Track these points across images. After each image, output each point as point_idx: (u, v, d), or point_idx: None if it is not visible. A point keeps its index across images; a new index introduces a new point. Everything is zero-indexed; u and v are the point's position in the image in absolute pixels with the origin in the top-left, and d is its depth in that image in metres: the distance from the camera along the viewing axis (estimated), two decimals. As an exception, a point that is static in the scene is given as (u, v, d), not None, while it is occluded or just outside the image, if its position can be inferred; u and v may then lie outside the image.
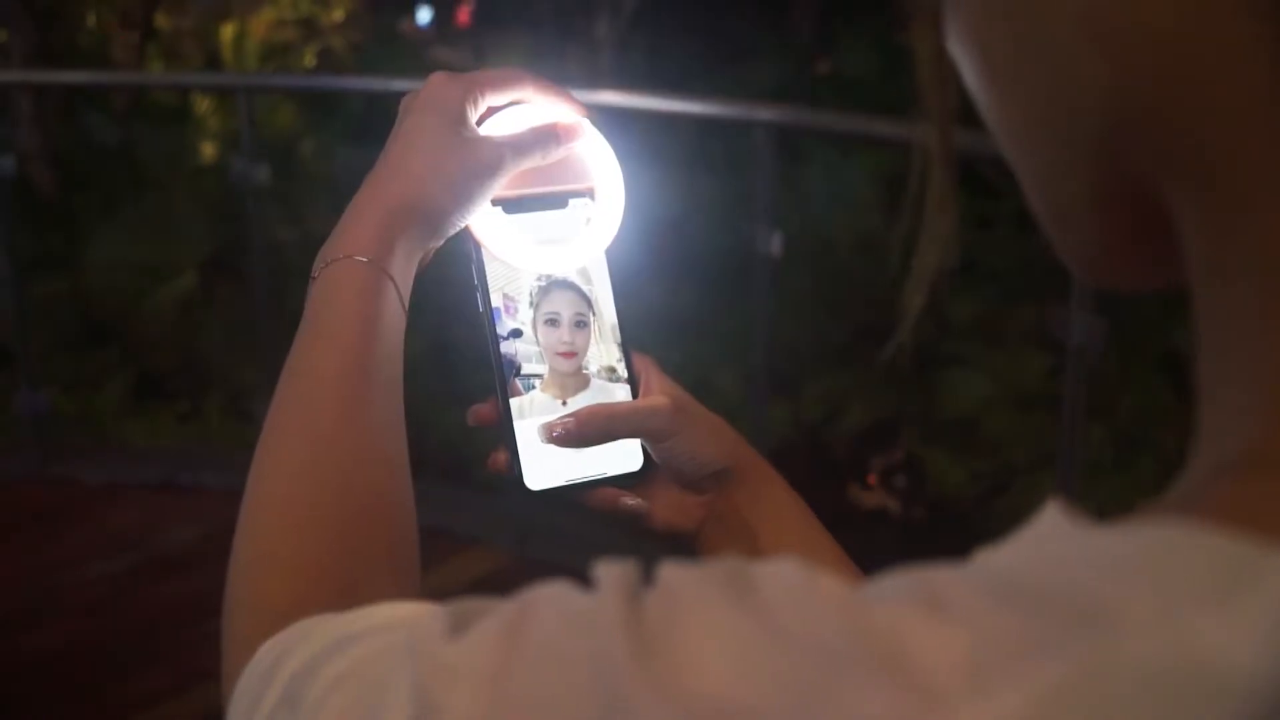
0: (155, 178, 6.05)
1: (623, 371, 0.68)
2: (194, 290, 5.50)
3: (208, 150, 6.71)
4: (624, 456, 0.68)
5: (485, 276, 0.67)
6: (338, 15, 9.63)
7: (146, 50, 7.67)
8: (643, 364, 0.69)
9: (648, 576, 0.30)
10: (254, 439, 0.61)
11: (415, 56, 9.50)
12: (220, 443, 4.60)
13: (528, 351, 0.67)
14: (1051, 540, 0.26)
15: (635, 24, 8.05)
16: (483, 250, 0.67)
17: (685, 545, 0.69)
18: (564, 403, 0.67)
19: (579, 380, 0.67)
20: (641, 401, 0.66)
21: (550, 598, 0.32)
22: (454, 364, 4.62)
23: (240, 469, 0.60)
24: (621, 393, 0.68)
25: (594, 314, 0.68)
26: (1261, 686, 0.22)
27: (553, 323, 0.67)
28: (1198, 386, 0.28)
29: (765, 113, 2.69)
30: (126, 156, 6.37)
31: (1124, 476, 4.27)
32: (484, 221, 0.66)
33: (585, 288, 0.68)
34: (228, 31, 8.51)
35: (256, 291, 3.45)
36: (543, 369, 0.67)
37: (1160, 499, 0.27)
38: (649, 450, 0.67)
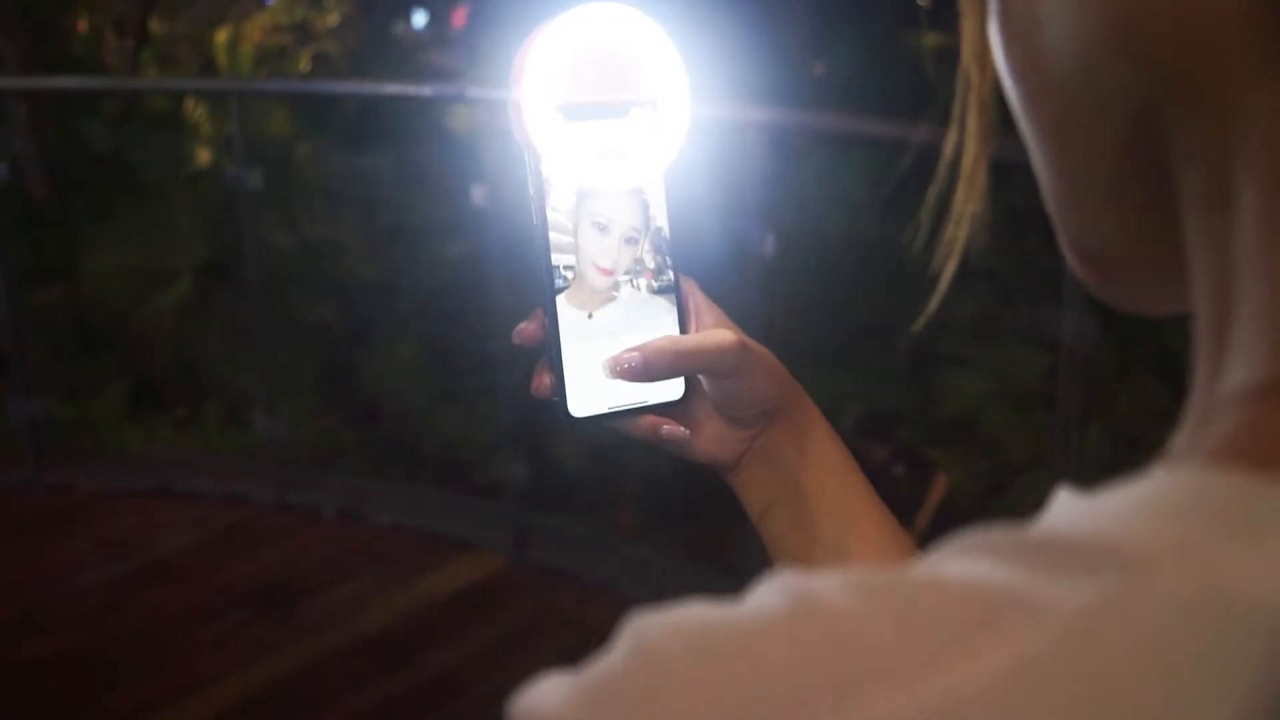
0: (150, 183, 6.04)
1: (669, 286, 0.66)
2: (190, 296, 5.49)
3: (203, 155, 6.71)
4: (666, 385, 0.66)
5: (542, 187, 0.63)
6: (331, 20, 9.63)
7: (141, 56, 7.66)
8: (689, 287, 0.68)
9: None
10: (251, 445, 0.61)
11: (410, 60, 9.50)
12: (217, 449, 4.59)
13: (562, 243, 0.64)
14: (1064, 508, 0.26)
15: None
16: (540, 160, 0.63)
17: (721, 477, 0.69)
18: (589, 315, 0.64)
19: (605, 295, 0.65)
20: (709, 338, 0.64)
21: None
22: (451, 367, 4.61)
23: (236, 475, 0.60)
24: (663, 309, 0.66)
25: (647, 229, 0.65)
26: None
27: (602, 229, 0.64)
28: (1195, 343, 0.28)
29: (758, 114, 2.69)
30: (121, 162, 6.36)
31: (1123, 475, 4.26)
32: (544, 128, 0.62)
33: (644, 198, 0.65)
34: (221, 36, 8.50)
35: (252, 297, 3.44)
36: (571, 260, 0.64)
37: (1166, 449, 0.27)
38: (704, 383, 0.66)
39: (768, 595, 0.25)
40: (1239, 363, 0.26)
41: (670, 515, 3.91)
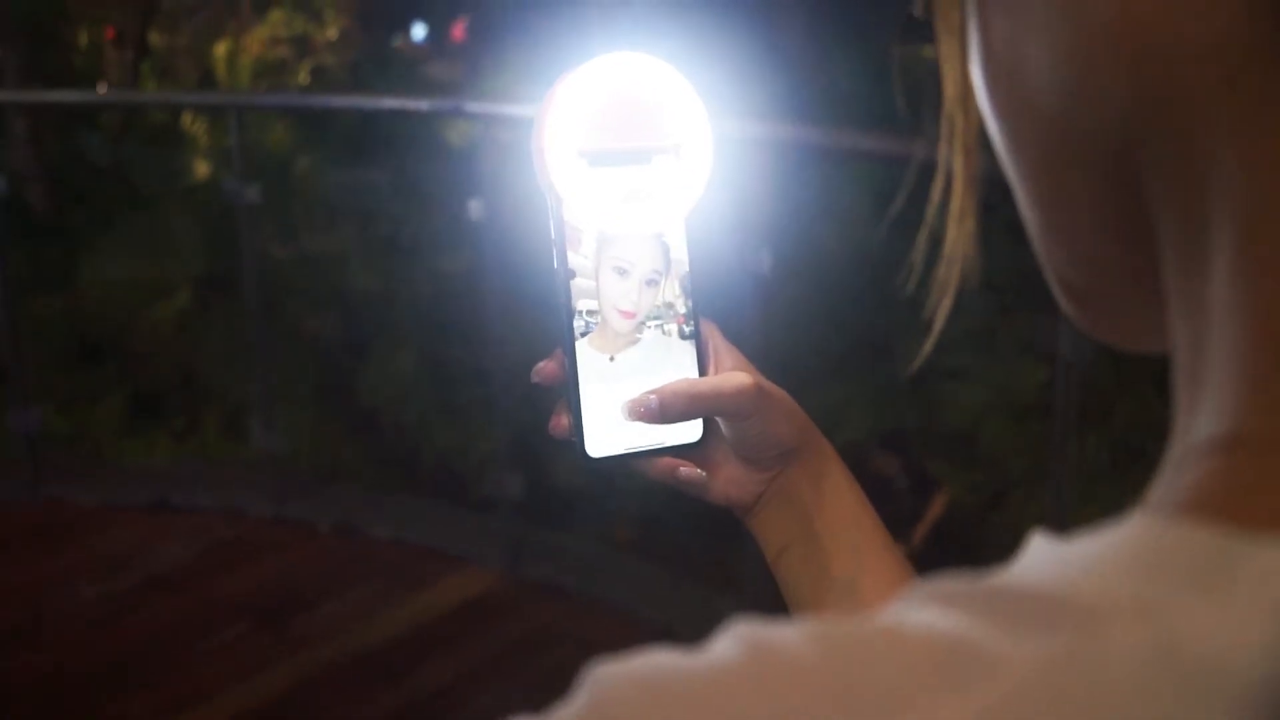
0: (149, 195, 6.06)
1: (689, 333, 0.67)
2: (189, 307, 5.50)
3: (201, 168, 6.72)
4: (684, 426, 0.66)
5: (564, 232, 0.64)
6: (331, 33, 9.65)
7: (141, 69, 7.68)
8: (709, 330, 0.68)
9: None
10: (250, 457, 0.60)
11: (410, 73, 9.52)
12: (215, 462, 4.58)
13: (585, 287, 0.64)
14: (1034, 556, 0.26)
15: (630, 39, 8.07)
16: (562, 205, 0.63)
17: (738, 519, 0.69)
18: (611, 358, 0.65)
19: (629, 338, 0.65)
20: (725, 381, 0.65)
21: None
22: (448, 380, 4.61)
23: (234, 489, 0.60)
24: (683, 353, 0.66)
25: (668, 273, 0.66)
26: (1251, 673, 0.22)
27: (622, 273, 0.65)
28: (1174, 386, 0.28)
29: (756, 129, 2.69)
30: (120, 174, 6.37)
31: (1121, 485, 4.27)
32: (567, 174, 0.63)
33: (664, 241, 0.66)
34: (221, 49, 8.52)
35: (251, 309, 3.44)
36: (594, 306, 0.64)
37: (1141, 500, 0.27)
38: (722, 425, 0.66)
39: (725, 644, 0.25)
40: (1210, 412, 0.26)
41: (667, 530, 3.90)
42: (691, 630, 2.75)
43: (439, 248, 4.95)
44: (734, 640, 0.25)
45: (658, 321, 0.66)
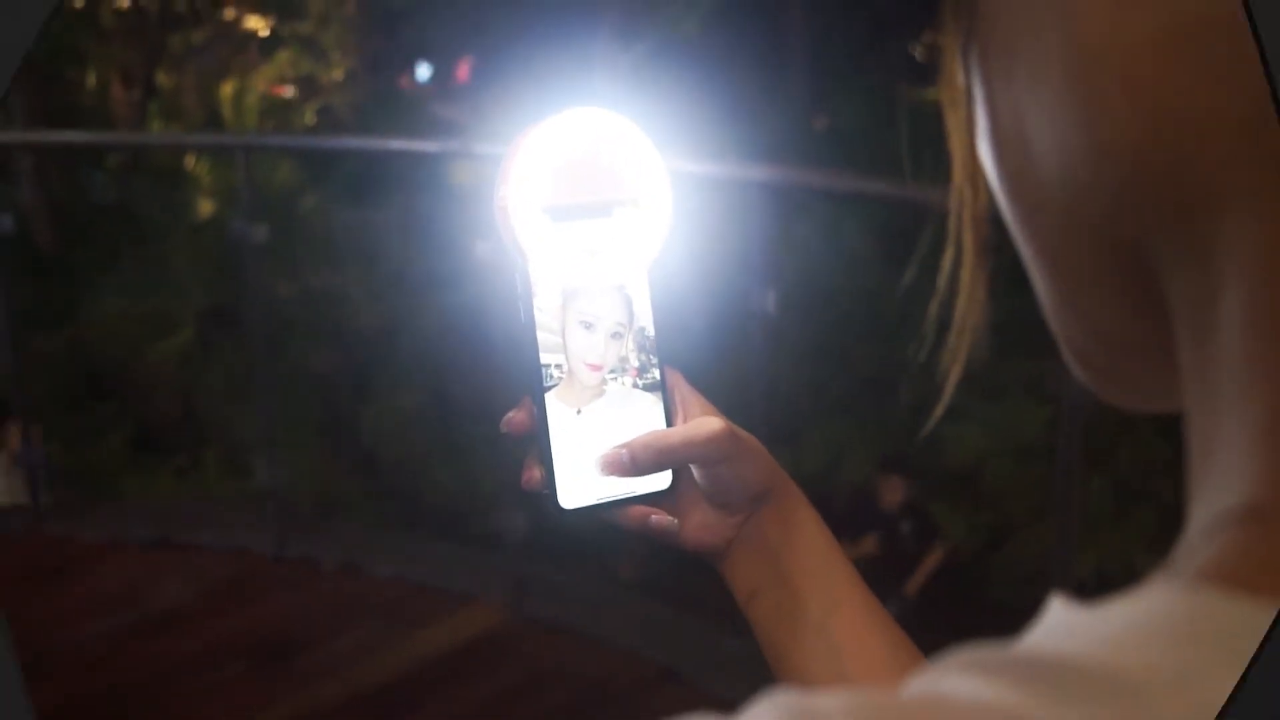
0: (154, 233, 6.09)
1: (654, 383, 0.67)
2: (192, 344, 5.51)
3: (205, 206, 6.76)
4: (654, 475, 0.67)
5: (530, 286, 0.65)
6: (337, 73, 9.73)
7: (148, 108, 7.74)
8: (675, 379, 0.69)
9: None
10: (252, 494, 0.60)
11: (414, 113, 9.59)
12: (217, 499, 4.58)
13: (550, 343, 0.65)
14: (1060, 624, 0.26)
15: (633, 82, 8.13)
16: (528, 260, 0.65)
17: (710, 564, 0.69)
18: (578, 411, 0.66)
19: (595, 391, 0.66)
20: (696, 429, 0.65)
21: None
22: (451, 418, 4.61)
23: (236, 526, 0.60)
24: (649, 404, 0.67)
25: (631, 325, 0.67)
26: None
27: (588, 326, 0.66)
28: (1188, 452, 0.28)
29: (760, 172, 2.70)
30: (126, 212, 6.41)
31: (1124, 527, 4.26)
32: (531, 230, 0.64)
33: (626, 294, 0.67)
34: (228, 89, 8.58)
35: (254, 346, 3.45)
36: (560, 360, 0.65)
37: (1162, 565, 0.27)
38: (693, 470, 0.67)
39: (763, 712, 0.25)
40: (1227, 483, 0.26)
41: (673, 567, 3.89)
42: (697, 670, 2.74)
43: (443, 286, 4.97)
44: (772, 708, 0.25)
45: (622, 373, 0.67)
